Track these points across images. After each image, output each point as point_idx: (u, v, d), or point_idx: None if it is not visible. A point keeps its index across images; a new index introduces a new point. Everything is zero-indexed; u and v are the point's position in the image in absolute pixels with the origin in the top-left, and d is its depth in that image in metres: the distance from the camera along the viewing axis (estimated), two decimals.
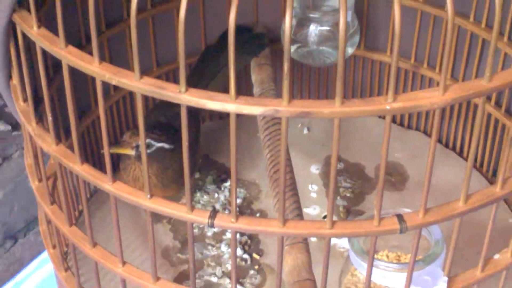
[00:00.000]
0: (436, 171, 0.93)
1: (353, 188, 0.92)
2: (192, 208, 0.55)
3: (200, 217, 0.55)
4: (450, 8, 0.47)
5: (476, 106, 0.91)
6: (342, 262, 0.75)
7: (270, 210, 0.89)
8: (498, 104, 0.89)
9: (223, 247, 0.85)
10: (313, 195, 0.91)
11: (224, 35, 0.90)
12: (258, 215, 0.89)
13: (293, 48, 0.90)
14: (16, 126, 1.00)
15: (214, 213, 0.55)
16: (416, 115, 0.99)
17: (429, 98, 0.50)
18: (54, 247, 0.72)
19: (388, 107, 0.49)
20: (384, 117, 0.99)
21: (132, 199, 0.56)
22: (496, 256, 0.62)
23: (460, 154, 0.96)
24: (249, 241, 0.86)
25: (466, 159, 0.95)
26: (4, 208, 1.03)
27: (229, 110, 0.49)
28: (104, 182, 0.57)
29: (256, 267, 0.83)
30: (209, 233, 0.87)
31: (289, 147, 0.82)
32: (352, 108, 0.48)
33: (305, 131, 1.00)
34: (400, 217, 0.55)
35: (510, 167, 0.86)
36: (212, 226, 0.55)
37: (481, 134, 0.91)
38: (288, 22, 0.46)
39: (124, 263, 0.62)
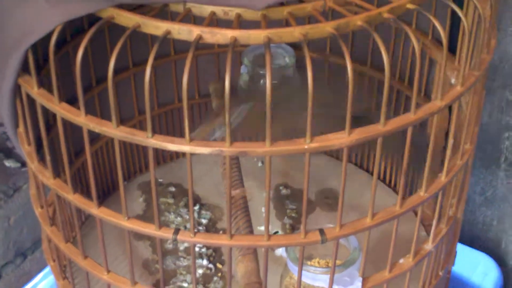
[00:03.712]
0: (364, 193, 0.99)
1: (297, 209, 0.97)
2: (160, 226, 0.60)
3: (166, 234, 0.60)
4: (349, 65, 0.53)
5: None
6: None
7: None
8: None
9: None
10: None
11: None
12: (221, 232, 0.94)
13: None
14: (24, 163, 1.05)
15: (177, 230, 0.60)
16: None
17: (338, 139, 0.55)
18: (54, 260, 0.76)
19: (306, 146, 0.55)
20: (327, 154, 1.06)
21: (113, 220, 0.61)
22: (401, 261, 0.68)
23: (383, 180, 1.02)
24: (213, 253, 0.91)
25: (388, 185, 1.01)
26: (15, 230, 1.07)
27: (185, 150, 0.54)
28: (91, 208, 0.62)
29: (219, 274, 0.88)
30: (181, 248, 0.92)
31: (246, 177, 0.87)
32: (278, 148, 0.54)
33: (260, 164, 1.05)
34: (321, 231, 0.60)
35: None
36: (175, 240, 0.60)
37: (388, 157, 0.98)
38: (227, 86, 0.52)
39: (108, 271, 0.66)
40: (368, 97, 0.96)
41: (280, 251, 0.89)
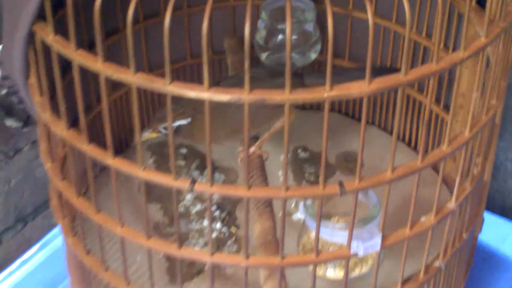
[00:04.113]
0: (386, 157, 1.06)
1: (316, 172, 1.04)
2: (176, 178, 0.68)
3: (182, 184, 0.67)
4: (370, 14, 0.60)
5: (417, 101, 1.05)
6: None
7: None
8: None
9: (205, 222, 0.98)
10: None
11: None
12: None
13: (264, 55, 1.03)
14: (26, 122, 1.12)
15: (194, 181, 0.67)
16: (372, 111, 1.12)
17: (358, 88, 0.62)
18: (64, 217, 0.84)
19: (325, 95, 0.62)
20: (349, 117, 1.12)
21: (128, 171, 0.69)
22: (423, 218, 0.75)
23: (409, 144, 1.09)
24: (227, 217, 0.98)
25: (414, 149, 1.09)
26: (16, 194, 1.15)
27: (204, 97, 0.62)
28: (106, 158, 0.69)
29: (233, 238, 0.96)
30: (193, 211, 0.99)
31: None
32: (297, 96, 0.61)
33: None
34: (340, 183, 0.68)
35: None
36: (192, 191, 0.67)
37: (414, 119, 1.05)
38: (247, 33, 0.59)
39: (122, 225, 0.74)
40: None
41: (298, 215, 0.96)
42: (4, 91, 1.07)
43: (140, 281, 0.89)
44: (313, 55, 1.04)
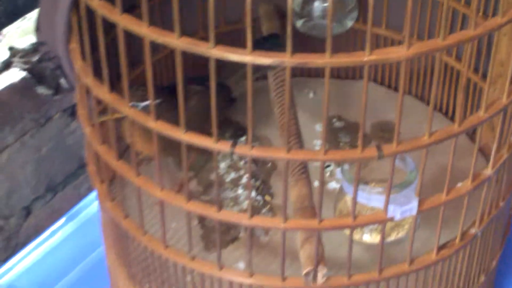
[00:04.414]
0: (423, 128, 1.11)
1: (352, 142, 1.10)
2: (218, 139, 0.74)
3: (223, 146, 0.73)
4: None
5: (455, 70, 1.11)
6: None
7: None
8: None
9: (240, 190, 1.04)
10: (317, 148, 1.10)
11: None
12: (269, 164, 1.08)
13: (300, 22, 1.08)
14: (57, 90, 1.19)
15: (234, 143, 0.74)
16: (408, 81, 1.18)
17: (397, 53, 0.68)
18: (102, 182, 0.91)
19: (365, 59, 0.67)
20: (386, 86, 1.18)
21: (170, 133, 0.75)
22: (459, 184, 0.81)
23: (446, 115, 1.15)
24: (261, 185, 1.05)
25: (451, 119, 1.14)
26: (47, 163, 1.22)
27: (246, 61, 0.67)
28: (149, 121, 0.76)
29: (268, 206, 1.02)
30: (228, 179, 1.06)
31: (297, 109, 1.01)
32: (338, 59, 0.67)
33: (311, 95, 1.19)
34: (378, 147, 0.73)
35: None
36: (232, 153, 0.73)
37: (452, 89, 1.11)
38: None
39: (162, 188, 0.80)
40: None
41: (334, 184, 1.02)
42: (36, 58, 1.13)
43: (176, 246, 0.95)
44: (350, 23, 1.10)
